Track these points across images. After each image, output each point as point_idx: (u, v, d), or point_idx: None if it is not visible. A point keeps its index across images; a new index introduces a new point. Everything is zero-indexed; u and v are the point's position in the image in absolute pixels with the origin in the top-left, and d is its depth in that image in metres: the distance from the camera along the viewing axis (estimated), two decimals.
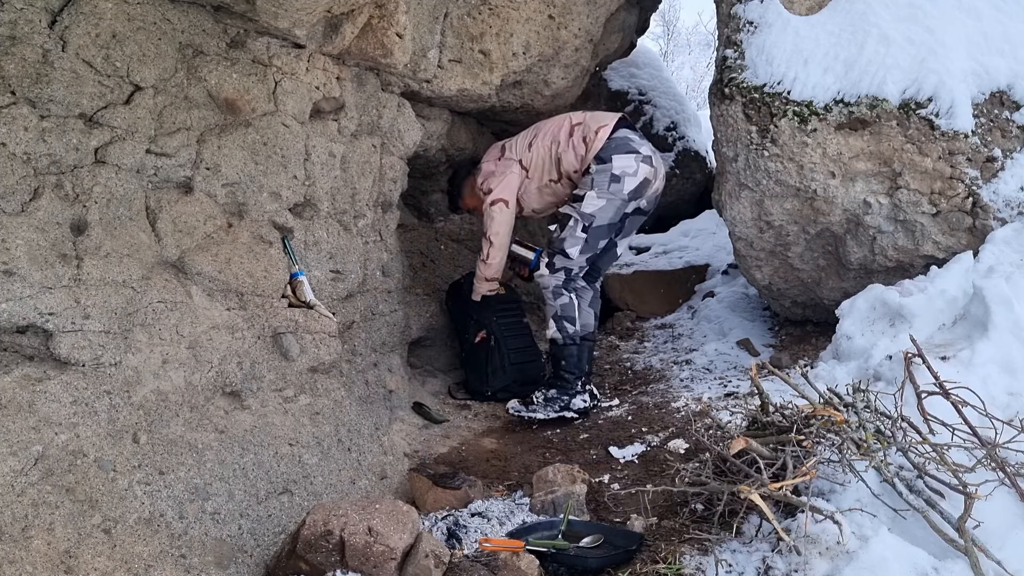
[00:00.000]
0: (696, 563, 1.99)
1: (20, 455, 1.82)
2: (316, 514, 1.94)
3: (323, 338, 2.73)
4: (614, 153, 3.36)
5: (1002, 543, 1.88)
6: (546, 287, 3.40)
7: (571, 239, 3.35)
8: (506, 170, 3.51)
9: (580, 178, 3.45)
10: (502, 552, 2.05)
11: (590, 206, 3.33)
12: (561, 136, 3.48)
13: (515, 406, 3.38)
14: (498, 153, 3.65)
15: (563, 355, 3.38)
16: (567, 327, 3.37)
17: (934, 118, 3.19)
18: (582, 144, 3.43)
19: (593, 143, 3.40)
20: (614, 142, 3.39)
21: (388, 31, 2.93)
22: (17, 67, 1.96)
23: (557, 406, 3.32)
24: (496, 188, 3.49)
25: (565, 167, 3.47)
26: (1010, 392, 2.39)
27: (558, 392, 3.36)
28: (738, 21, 3.62)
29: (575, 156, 3.44)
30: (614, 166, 3.34)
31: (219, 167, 2.44)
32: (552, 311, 3.40)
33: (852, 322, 2.95)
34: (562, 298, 3.38)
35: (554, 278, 3.38)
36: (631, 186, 3.37)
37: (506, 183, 3.48)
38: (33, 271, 1.93)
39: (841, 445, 2.11)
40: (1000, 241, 3.05)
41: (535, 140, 3.54)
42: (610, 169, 3.34)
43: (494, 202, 3.48)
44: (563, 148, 3.46)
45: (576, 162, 3.45)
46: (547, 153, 3.49)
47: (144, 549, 1.93)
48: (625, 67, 6.45)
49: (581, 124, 3.49)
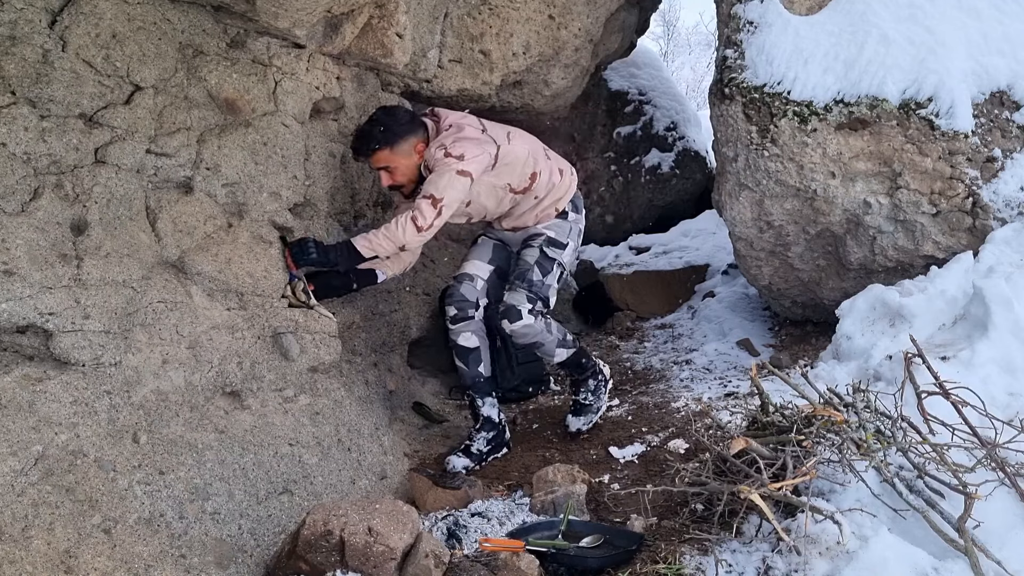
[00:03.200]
0: (696, 563, 1.99)
1: (20, 455, 1.82)
2: (316, 514, 1.94)
3: (323, 338, 2.73)
4: (581, 206, 3.22)
5: (1002, 543, 1.88)
6: (538, 333, 2.97)
7: (552, 287, 3.05)
8: (485, 147, 2.87)
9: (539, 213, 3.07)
10: (502, 552, 2.05)
11: (568, 257, 3.11)
12: (538, 155, 3.05)
13: (579, 422, 3.14)
14: (478, 124, 2.98)
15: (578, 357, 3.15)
16: (569, 339, 3.12)
17: (934, 118, 3.19)
18: (558, 174, 3.08)
19: (569, 183, 3.13)
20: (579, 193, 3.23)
21: (388, 31, 2.93)
22: (17, 67, 1.96)
23: (604, 389, 3.21)
24: (469, 158, 2.79)
25: (536, 186, 3.02)
26: (1010, 392, 2.39)
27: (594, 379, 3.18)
28: (738, 21, 3.62)
29: (548, 181, 3.05)
30: (581, 221, 3.19)
31: (219, 167, 2.44)
32: (554, 342, 3.04)
33: (852, 322, 2.95)
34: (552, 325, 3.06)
35: (540, 323, 2.98)
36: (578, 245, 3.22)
37: (480, 160, 2.83)
38: (33, 271, 1.93)
39: (841, 445, 2.11)
40: (1000, 241, 3.05)
41: (513, 136, 3.01)
42: (580, 223, 3.18)
43: (463, 171, 2.78)
44: (541, 167, 3.02)
45: (545, 189, 3.04)
46: (525, 159, 2.99)
47: (144, 549, 1.93)
48: (625, 67, 6.45)
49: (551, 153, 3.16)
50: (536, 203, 3.05)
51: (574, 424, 3.15)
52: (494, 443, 3.11)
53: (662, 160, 6.34)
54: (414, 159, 2.88)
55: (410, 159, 2.87)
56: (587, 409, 3.17)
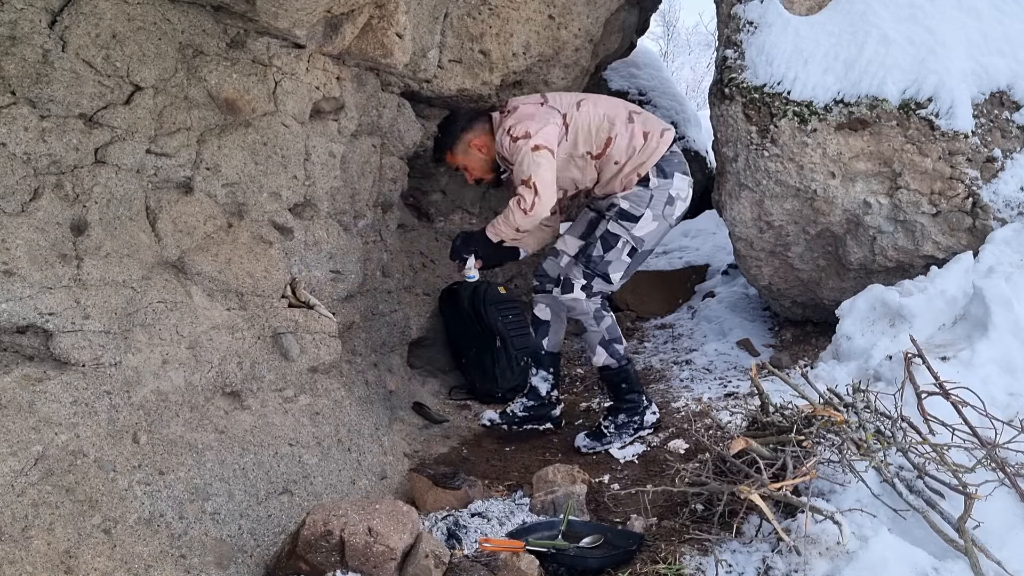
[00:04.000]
0: (696, 563, 1.99)
1: (20, 455, 1.82)
2: (316, 514, 1.94)
3: (323, 338, 2.73)
4: (676, 170, 2.99)
5: (1002, 543, 1.88)
6: (585, 312, 3.01)
7: (617, 263, 2.98)
8: (548, 118, 2.91)
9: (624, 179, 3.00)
10: (502, 552, 2.05)
11: (643, 229, 2.96)
12: (617, 118, 2.99)
13: (587, 443, 3.04)
14: (538, 99, 3.06)
15: (621, 379, 3.08)
16: (618, 349, 3.05)
17: (934, 118, 3.19)
18: (641, 137, 2.97)
19: (656, 146, 2.97)
20: (675, 156, 3.02)
21: (388, 31, 2.93)
22: (17, 67, 1.96)
23: (631, 429, 3.04)
24: (537, 134, 2.86)
25: (612, 150, 2.97)
26: (1010, 392, 2.39)
27: (627, 415, 3.05)
28: (738, 21, 3.62)
29: (627, 145, 2.96)
30: (673, 185, 2.97)
31: (219, 167, 2.44)
32: (598, 337, 3.03)
33: (852, 322, 2.95)
34: (605, 320, 3.04)
35: (591, 303, 3.00)
36: (680, 211, 3.03)
37: (548, 131, 2.88)
38: (33, 271, 1.93)
39: (841, 445, 2.11)
40: (1000, 241, 3.05)
41: (585, 103, 3.01)
42: (669, 188, 2.96)
43: (538, 147, 2.84)
44: (619, 131, 2.96)
45: (628, 152, 2.96)
46: (599, 123, 2.96)
47: (144, 549, 1.93)
48: (625, 67, 6.45)
49: (640, 115, 3.06)
50: (618, 169, 3.00)
51: (579, 441, 3.08)
52: (532, 413, 3.25)
53: None
54: (475, 155, 3.09)
55: (471, 156, 3.09)
56: (600, 437, 3.05)
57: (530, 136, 2.86)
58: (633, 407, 3.06)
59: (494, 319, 3.73)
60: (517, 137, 2.88)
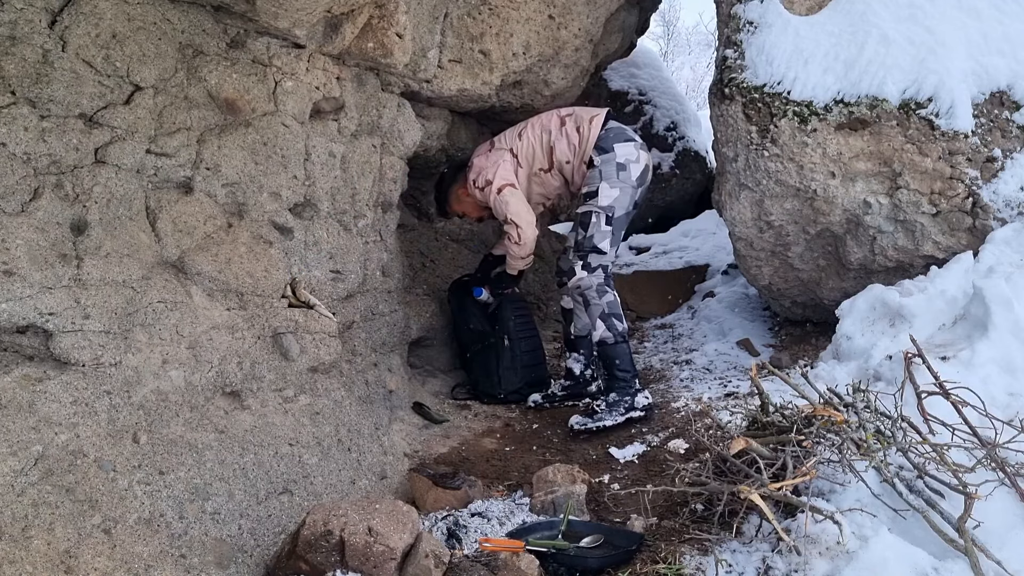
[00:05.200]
0: (696, 563, 1.99)
1: (20, 455, 1.82)
2: (316, 514, 1.94)
3: (323, 338, 2.73)
4: (614, 142, 3.36)
5: (1002, 543, 1.88)
6: (588, 287, 3.33)
7: (599, 234, 3.31)
8: (498, 159, 3.50)
9: (579, 170, 3.44)
10: (502, 552, 2.05)
11: (606, 198, 3.31)
12: (552, 126, 3.48)
13: (579, 420, 3.18)
14: (487, 147, 3.64)
15: (616, 354, 3.29)
16: (616, 325, 3.30)
17: (934, 118, 3.19)
18: (575, 133, 3.43)
19: (589, 133, 3.40)
20: (611, 132, 3.40)
21: (388, 31, 2.93)
22: (17, 67, 1.96)
23: (622, 408, 3.16)
24: (495, 176, 3.44)
25: (558, 156, 3.46)
26: (1010, 392, 2.39)
27: (619, 394, 3.22)
28: (738, 21, 3.62)
29: (568, 145, 3.44)
30: (617, 155, 3.34)
31: (219, 167, 2.44)
32: (599, 310, 3.31)
33: (852, 322, 2.95)
34: (607, 295, 3.32)
35: (594, 277, 3.32)
36: (637, 172, 3.36)
37: (502, 170, 3.46)
38: (33, 271, 1.93)
39: (841, 445, 2.11)
40: (1000, 241, 3.05)
41: (524, 131, 3.54)
42: (614, 158, 3.33)
43: (501, 188, 3.43)
44: (555, 137, 3.45)
45: (569, 151, 3.44)
46: (538, 142, 3.49)
47: (144, 549, 1.93)
48: (625, 67, 6.45)
49: (571, 115, 3.49)
50: (572, 168, 3.49)
51: (572, 420, 3.22)
52: (571, 391, 3.64)
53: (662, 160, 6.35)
54: (466, 200, 3.69)
55: (464, 203, 3.73)
56: (591, 414, 3.22)
57: (491, 182, 3.44)
58: (625, 386, 3.26)
59: (509, 316, 3.76)
60: (482, 187, 3.49)
